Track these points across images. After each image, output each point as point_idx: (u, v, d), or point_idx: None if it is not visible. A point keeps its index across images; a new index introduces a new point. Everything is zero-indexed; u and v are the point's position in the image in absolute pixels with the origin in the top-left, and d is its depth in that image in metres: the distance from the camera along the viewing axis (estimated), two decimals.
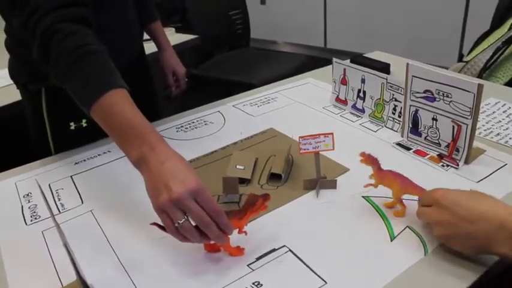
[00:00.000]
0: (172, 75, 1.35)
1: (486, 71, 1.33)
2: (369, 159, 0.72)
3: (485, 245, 0.57)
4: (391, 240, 0.67)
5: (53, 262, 0.67)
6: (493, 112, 1.05)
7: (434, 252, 0.64)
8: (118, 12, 1.00)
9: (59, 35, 0.71)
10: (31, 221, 0.77)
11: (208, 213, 0.60)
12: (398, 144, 0.94)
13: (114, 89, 0.68)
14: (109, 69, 0.72)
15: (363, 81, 1.05)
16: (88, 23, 0.76)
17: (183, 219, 0.59)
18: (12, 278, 0.65)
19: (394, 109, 0.99)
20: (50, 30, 0.71)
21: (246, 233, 0.66)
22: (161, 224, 0.62)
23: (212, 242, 0.64)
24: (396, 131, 0.98)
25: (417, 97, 0.89)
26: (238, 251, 0.66)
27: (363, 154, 0.72)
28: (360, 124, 1.04)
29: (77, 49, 0.70)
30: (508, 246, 0.55)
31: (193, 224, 0.60)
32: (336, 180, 0.81)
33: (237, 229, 0.65)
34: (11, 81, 1.03)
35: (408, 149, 0.92)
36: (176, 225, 0.59)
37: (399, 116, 0.98)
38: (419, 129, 0.92)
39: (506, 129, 0.97)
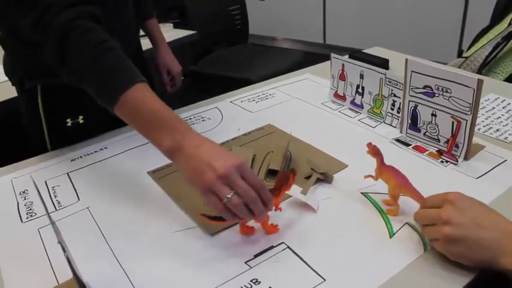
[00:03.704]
0: (168, 73, 1.33)
1: (485, 67, 1.32)
2: (374, 151, 0.72)
3: (490, 254, 0.56)
4: (391, 237, 0.67)
5: (49, 260, 0.67)
6: (493, 108, 1.04)
7: (434, 248, 0.64)
8: (117, 10, 1.00)
9: (76, 32, 0.71)
10: (27, 218, 0.76)
11: (253, 188, 0.61)
12: (397, 140, 0.93)
13: (137, 83, 0.69)
14: (129, 65, 0.73)
15: (361, 76, 1.04)
16: (99, 21, 0.76)
17: (232, 194, 0.60)
18: (7, 275, 0.65)
19: (393, 105, 0.98)
20: (66, 28, 0.71)
21: (280, 209, 0.70)
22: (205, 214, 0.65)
23: (248, 223, 0.67)
24: (395, 127, 0.98)
25: (416, 93, 0.89)
26: (274, 228, 0.68)
27: (369, 145, 0.73)
28: (359, 120, 1.03)
29: (96, 46, 0.71)
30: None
31: None
32: (332, 175, 0.80)
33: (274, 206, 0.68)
34: (6, 78, 1.02)
35: (407, 144, 0.91)
36: (225, 200, 0.60)
37: (398, 112, 0.97)
38: (419, 125, 0.91)
39: (506, 125, 0.97)
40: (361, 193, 0.76)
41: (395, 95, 0.97)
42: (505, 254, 0.55)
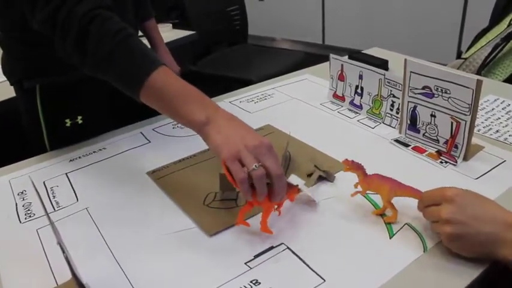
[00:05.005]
0: None
1: (485, 68, 1.32)
2: (354, 166, 0.70)
3: (491, 246, 0.58)
4: (390, 238, 0.67)
5: (47, 260, 0.66)
6: (492, 109, 1.04)
7: (433, 249, 0.64)
8: (117, 11, 0.99)
9: (99, 20, 0.73)
10: (25, 219, 0.76)
11: None
12: (397, 140, 0.93)
13: (161, 66, 0.71)
14: (149, 49, 0.75)
15: (360, 77, 1.04)
16: (112, 10, 0.77)
17: (259, 164, 0.61)
18: (6, 276, 0.64)
19: (392, 105, 0.98)
20: (87, 16, 0.72)
21: (280, 212, 0.70)
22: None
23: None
24: (394, 128, 0.98)
25: (415, 93, 0.89)
26: (269, 230, 0.68)
27: (346, 162, 0.71)
28: (358, 120, 1.03)
29: (117, 33, 0.72)
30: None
31: None
32: (334, 174, 0.80)
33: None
34: (5, 78, 1.02)
35: (406, 145, 0.91)
36: (251, 168, 0.61)
37: (397, 113, 0.97)
38: (418, 126, 0.91)
39: (506, 126, 0.97)
40: None
41: (394, 96, 0.97)
42: (504, 244, 0.57)
